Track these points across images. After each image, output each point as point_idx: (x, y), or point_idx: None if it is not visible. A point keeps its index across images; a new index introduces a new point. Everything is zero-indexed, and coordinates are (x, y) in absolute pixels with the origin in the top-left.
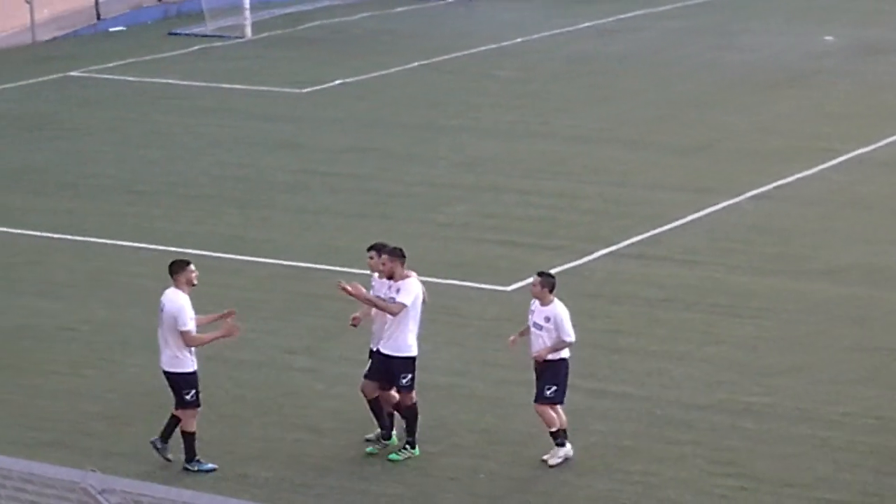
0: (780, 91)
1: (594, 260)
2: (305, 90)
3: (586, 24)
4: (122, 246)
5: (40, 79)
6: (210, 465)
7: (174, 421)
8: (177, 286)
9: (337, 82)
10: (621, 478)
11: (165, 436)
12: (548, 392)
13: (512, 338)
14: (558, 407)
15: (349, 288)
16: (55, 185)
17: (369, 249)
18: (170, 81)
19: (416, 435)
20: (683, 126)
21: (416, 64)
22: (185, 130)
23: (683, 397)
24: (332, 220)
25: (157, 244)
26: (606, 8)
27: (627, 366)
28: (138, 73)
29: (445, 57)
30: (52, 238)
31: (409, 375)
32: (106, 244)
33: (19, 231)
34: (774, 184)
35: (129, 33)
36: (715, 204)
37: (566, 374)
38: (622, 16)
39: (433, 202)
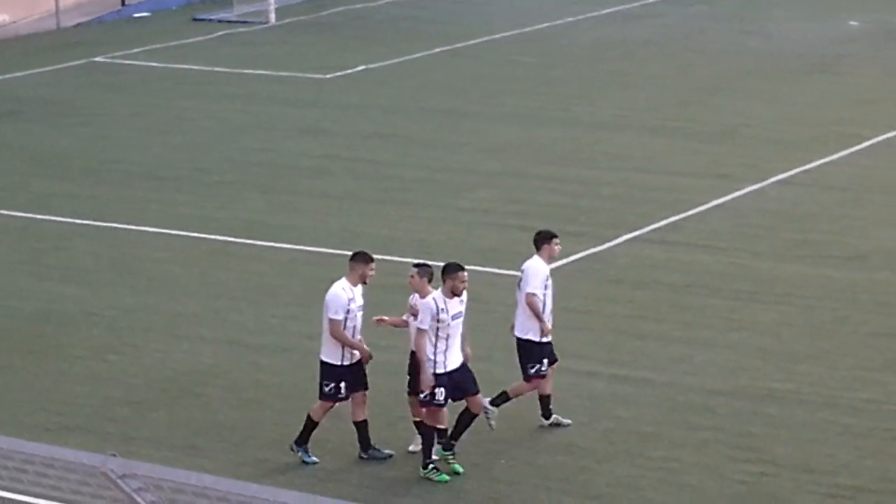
0: (805, 77)
1: (617, 245)
2: (328, 76)
3: (610, 10)
4: (146, 232)
5: (65, 65)
6: (314, 459)
7: (358, 427)
8: (349, 277)
9: (360, 68)
10: (642, 463)
11: (364, 444)
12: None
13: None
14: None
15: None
16: (79, 171)
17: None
18: (194, 67)
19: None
20: (707, 112)
21: (438, 50)
22: (208, 116)
23: (705, 383)
24: (354, 205)
25: (180, 230)
26: None
27: (649, 351)
28: (162, 59)
29: (468, 43)
30: (77, 224)
31: (440, 390)
32: (130, 230)
33: (44, 217)
34: (798, 169)
35: (153, 19)
36: (738, 190)
37: None
38: (646, 1)
39: (456, 188)
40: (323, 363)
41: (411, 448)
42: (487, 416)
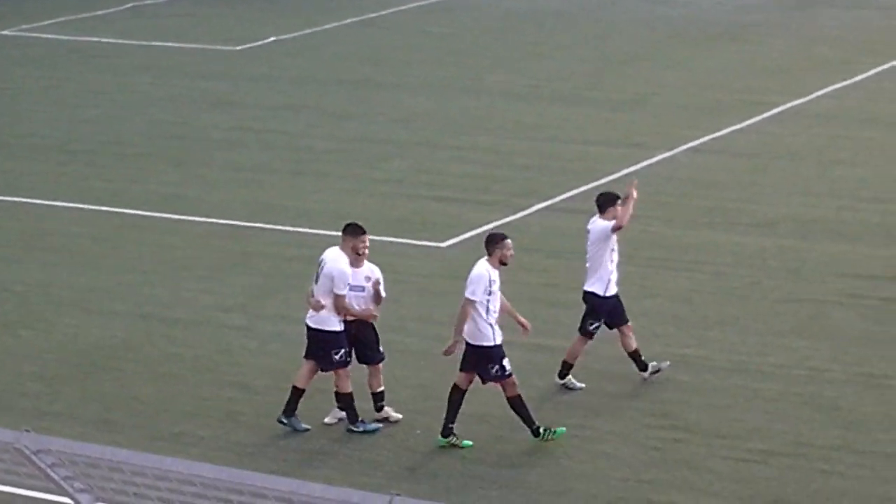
0: (714, 45)
1: (530, 214)
2: (239, 48)
3: None
4: (57, 206)
5: None
6: (375, 425)
7: (296, 393)
8: (343, 248)
9: (270, 39)
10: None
11: (290, 410)
12: (382, 351)
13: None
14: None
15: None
16: None
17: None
18: (103, 40)
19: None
20: (618, 81)
21: (349, 20)
22: (119, 89)
23: (619, 351)
24: (267, 177)
25: (92, 204)
26: None
27: (564, 320)
28: (71, 32)
29: (379, 13)
30: None
31: (507, 360)
32: (41, 204)
33: None
34: (708, 137)
35: None
36: (650, 158)
37: None
38: None
39: (368, 159)
40: (325, 332)
41: (327, 420)
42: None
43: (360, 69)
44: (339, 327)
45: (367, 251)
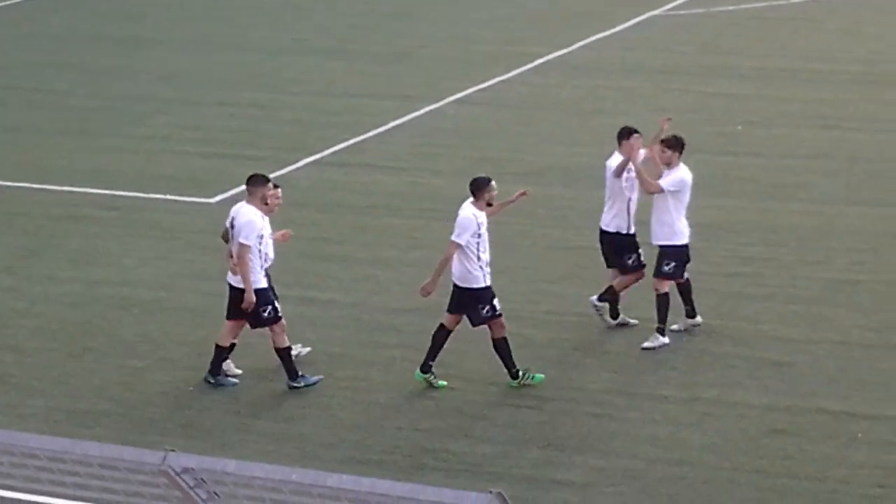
0: None
1: (298, 169)
2: None
3: None
4: None
5: None
6: (316, 377)
7: (219, 351)
8: (251, 201)
9: None
10: (331, 384)
11: (215, 370)
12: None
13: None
14: None
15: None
16: None
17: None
18: None
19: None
20: (383, 34)
21: None
22: None
23: (390, 302)
24: (31, 137)
25: None
26: None
27: (334, 273)
28: None
29: None
30: None
31: (496, 300)
32: None
33: None
34: (474, 88)
35: None
36: (416, 110)
37: None
38: None
39: (134, 116)
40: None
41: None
42: (599, 312)
43: (123, 26)
44: (263, 284)
45: (278, 200)
